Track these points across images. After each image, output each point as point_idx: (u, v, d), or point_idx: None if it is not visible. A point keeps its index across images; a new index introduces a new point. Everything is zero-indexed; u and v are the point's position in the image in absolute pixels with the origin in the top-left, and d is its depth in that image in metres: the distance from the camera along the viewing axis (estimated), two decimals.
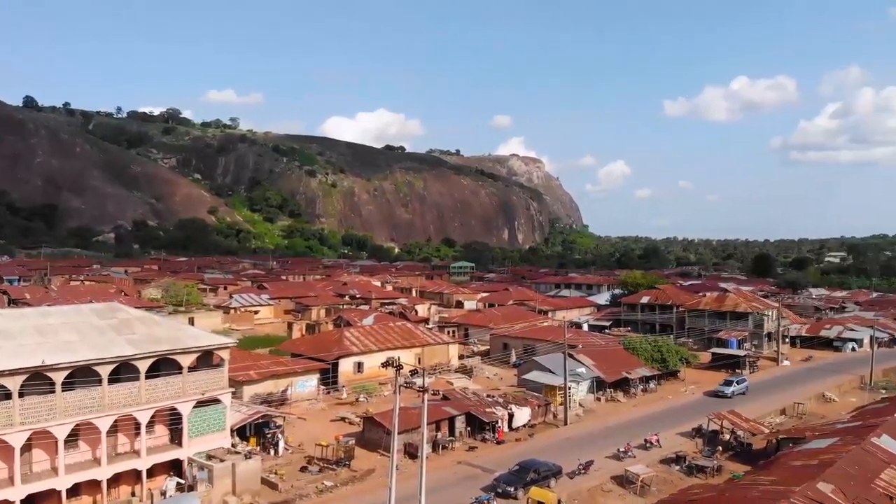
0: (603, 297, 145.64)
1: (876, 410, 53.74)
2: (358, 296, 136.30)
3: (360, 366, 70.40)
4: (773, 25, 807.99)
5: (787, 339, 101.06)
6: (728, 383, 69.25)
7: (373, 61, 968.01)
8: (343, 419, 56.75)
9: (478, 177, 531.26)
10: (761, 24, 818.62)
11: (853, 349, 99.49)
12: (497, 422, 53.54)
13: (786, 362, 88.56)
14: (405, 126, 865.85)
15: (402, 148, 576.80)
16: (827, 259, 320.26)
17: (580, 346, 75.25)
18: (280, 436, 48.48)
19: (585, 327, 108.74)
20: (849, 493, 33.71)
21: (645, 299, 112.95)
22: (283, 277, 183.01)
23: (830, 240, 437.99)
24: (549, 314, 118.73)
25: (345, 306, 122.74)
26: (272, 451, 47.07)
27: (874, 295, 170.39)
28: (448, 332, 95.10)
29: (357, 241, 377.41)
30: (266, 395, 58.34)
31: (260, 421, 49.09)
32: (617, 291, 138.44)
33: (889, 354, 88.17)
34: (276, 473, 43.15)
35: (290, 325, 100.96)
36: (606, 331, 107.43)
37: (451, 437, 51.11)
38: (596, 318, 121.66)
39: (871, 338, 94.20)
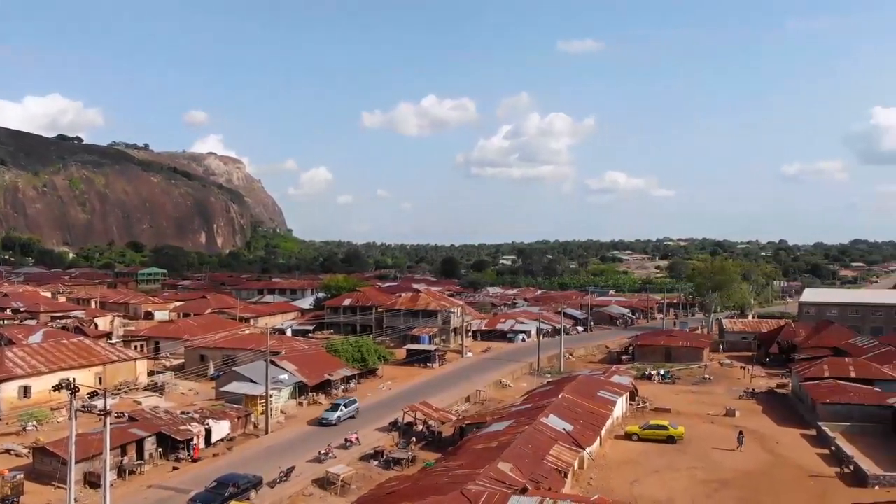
0: (307, 302, 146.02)
1: (543, 393, 61.37)
2: (23, 309, 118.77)
3: (26, 390, 61.29)
4: (458, 50, 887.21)
5: (470, 333, 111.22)
6: (335, 407, 60.74)
7: (46, 40, 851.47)
8: (8, 451, 48.90)
9: (171, 174, 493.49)
10: (449, 47, 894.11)
11: (523, 340, 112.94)
12: (192, 439, 50.46)
13: (469, 354, 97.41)
14: (83, 115, 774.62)
15: (78, 139, 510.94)
16: (501, 261, 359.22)
17: (283, 353, 74.29)
18: None
19: (289, 333, 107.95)
20: (524, 470, 37.97)
21: (347, 302, 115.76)
22: None
23: (504, 244, 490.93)
24: (252, 321, 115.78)
25: (6, 322, 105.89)
26: None
27: (539, 292, 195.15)
28: (135, 347, 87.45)
29: (21, 244, 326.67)
30: None
31: None
32: (321, 295, 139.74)
33: (552, 343, 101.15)
34: None
35: None
36: (310, 335, 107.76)
37: (139, 461, 46.90)
38: (300, 322, 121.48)
39: (537, 329, 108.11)
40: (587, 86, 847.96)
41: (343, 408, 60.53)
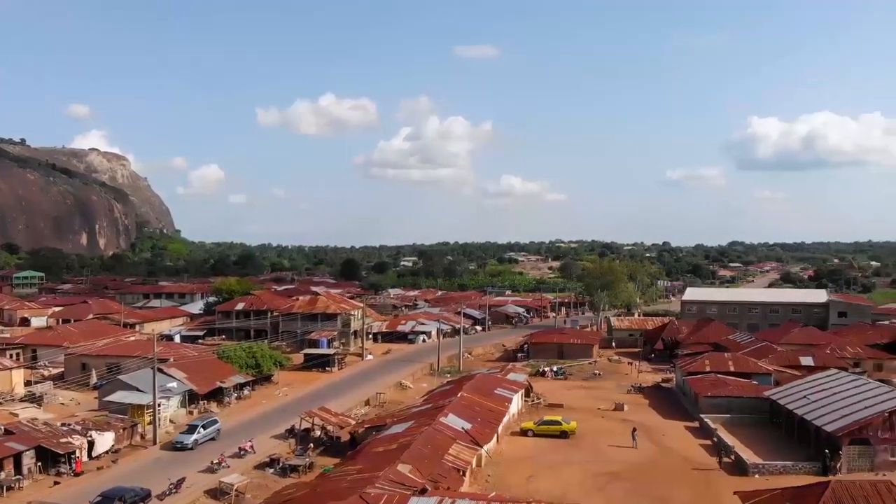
0: (197, 306, 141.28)
1: (443, 393, 61.85)
2: None
3: None
4: (357, 50, 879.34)
5: (371, 336, 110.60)
6: (192, 429, 53.77)
7: None
8: None
9: (49, 171, 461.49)
10: (347, 47, 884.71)
11: (424, 340, 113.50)
12: (74, 452, 47.54)
13: (369, 357, 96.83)
14: None
15: None
16: (402, 263, 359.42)
17: (171, 360, 71.29)
18: None
19: (178, 339, 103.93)
20: (424, 471, 38.10)
21: (240, 306, 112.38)
22: None
23: (405, 246, 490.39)
24: (137, 327, 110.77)
25: None
26: None
27: (439, 293, 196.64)
28: (10, 356, 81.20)
29: None
30: None
31: None
32: (211, 299, 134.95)
33: (452, 343, 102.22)
34: None
35: None
36: (200, 341, 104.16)
37: (17, 476, 43.80)
38: (189, 328, 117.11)
39: (438, 330, 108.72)
40: (484, 91, 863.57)
41: (201, 429, 53.67)
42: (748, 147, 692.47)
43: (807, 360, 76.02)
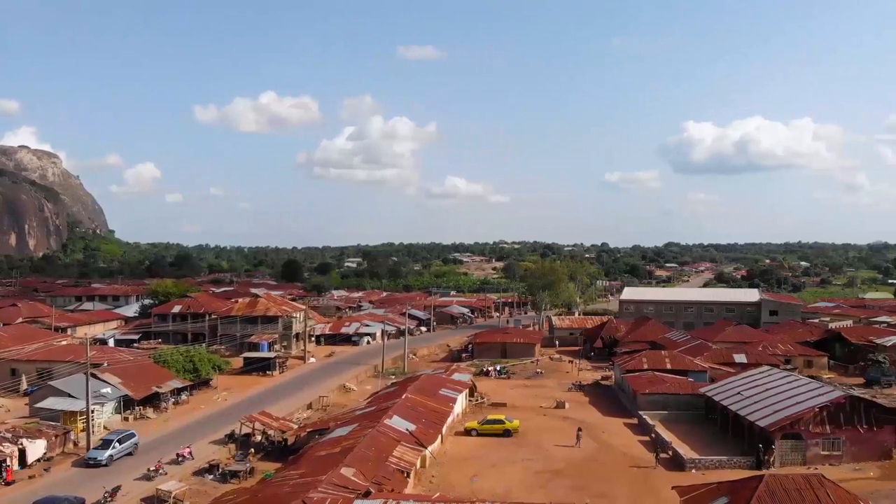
0: (132, 309, 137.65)
1: (387, 395, 61.58)
2: None
3: None
4: (298, 47, 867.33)
5: (314, 338, 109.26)
6: (106, 443, 50.19)
7: None
8: None
9: None
10: (288, 44, 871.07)
11: (368, 342, 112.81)
12: (4, 460, 45.56)
13: (312, 360, 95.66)
14: None
15: None
16: (346, 264, 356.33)
17: (105, 364, 69.14)
18: None
19: (112, 343, 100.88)
20: (368, 473, 37.85)
21: (177, 309, 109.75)
22: None
23: (349, 247, 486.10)
24: (70, 331, 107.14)
25: None
26: None
27: (384, 294, 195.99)
28: None
29: None
30: None
31: None
32: (147, 302, 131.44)
33: (397, 345, 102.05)
34: None
35: None
36: (136, 345, 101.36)
37: None
38: (124, 331, 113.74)
39: (382, 331, 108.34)
40: (429, 92, 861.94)
41: (117, 444, 49.88)
42: (684, 151, 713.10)
43: (740, 358, 78.53)
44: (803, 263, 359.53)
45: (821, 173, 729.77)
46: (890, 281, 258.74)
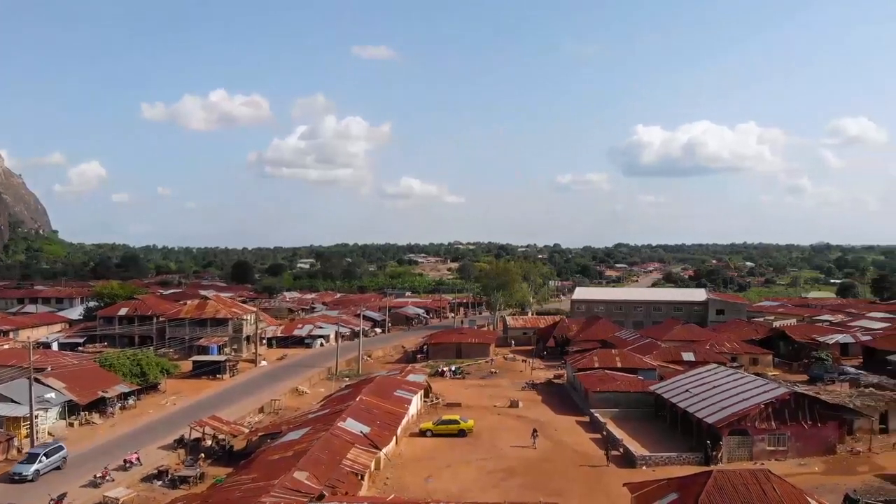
0: (76, 312, 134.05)
1: (341, 397, 61.11)
2: None
3: None
4: (249, 45, 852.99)
5: (265, 341, 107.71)
6: (32, 457, 46.83)
7: None
8: None
9: None
10: (238, 42, 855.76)
11: (321, 344, 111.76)
12: None
13: (263, 363, 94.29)
14: None
15: None
16: (299, 265, 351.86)
17: (49, 369, 67.24)
18: None
19: (56, 346, 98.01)
20: (321, 477, 37.46)
21: (123, 311, 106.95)
22: None
23: (302, 248, 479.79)
24: (12, 334, 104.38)
25: None
26: None
27: (338, 295, 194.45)
28: None
29: None
30: None
31: None
32: (92, 304, 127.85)
33: (351, 346, 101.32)
34: None
35: None
36: (81, 348, 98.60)
37: None
38: (68, 335, 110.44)
39: (336, 333, 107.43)
40: (383, 92, 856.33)
41: (43, 457, 46.80)
42: (634, 153, 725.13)
43: (688, 356, 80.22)
44: (748, 264, 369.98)
45: (765, 176, 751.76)
46: (832, 281, 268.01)
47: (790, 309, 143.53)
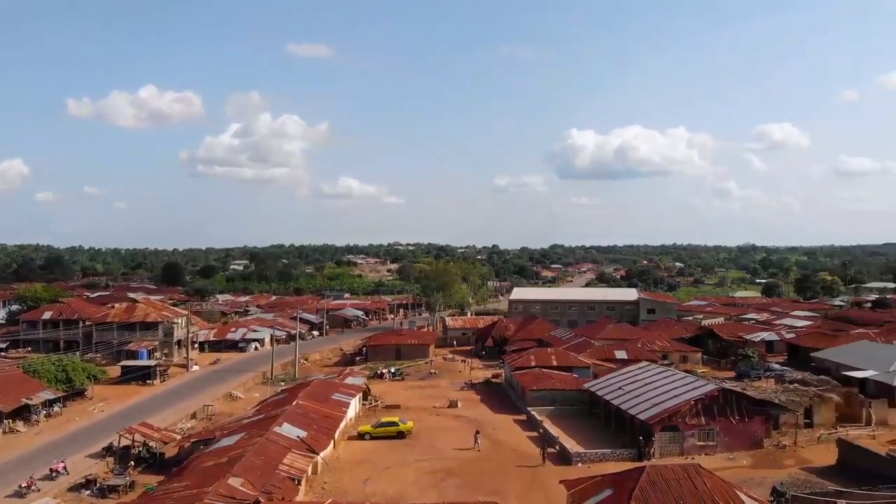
0: None
1: (277, 402, 60.13)
2: None
3: None
4: (180, 40, 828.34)
5: (197, 345, 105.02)
6: None
7: None
8: None
9: None
10: (169, 36, 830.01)
11: (256, 348, 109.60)
12: None
13: (195, 367, 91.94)
14: None
15: None
16: (232, 267, 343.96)
17: None
18: None
19: None
20: (257, 483, 36.79)
21: (47, 315, 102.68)
22: None
23: (235, 248, 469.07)
24: None
25: None
26: None
27: (273, 298, 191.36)
28: None
29: None
30: None
31: None
32: (15, 307, 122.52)
33: (287, 350, 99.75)
34: None
35: None
36: (3, 353, 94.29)
37: None
38: None
39: (272, 336, 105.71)
40: (320, 91, 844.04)
41: None
42: (568, 157, 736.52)
43: (621, 354, 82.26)
44: (678, 264, 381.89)
45: (694, 179, 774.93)
46: (757, 280, 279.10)
47: (718, 308, 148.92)
